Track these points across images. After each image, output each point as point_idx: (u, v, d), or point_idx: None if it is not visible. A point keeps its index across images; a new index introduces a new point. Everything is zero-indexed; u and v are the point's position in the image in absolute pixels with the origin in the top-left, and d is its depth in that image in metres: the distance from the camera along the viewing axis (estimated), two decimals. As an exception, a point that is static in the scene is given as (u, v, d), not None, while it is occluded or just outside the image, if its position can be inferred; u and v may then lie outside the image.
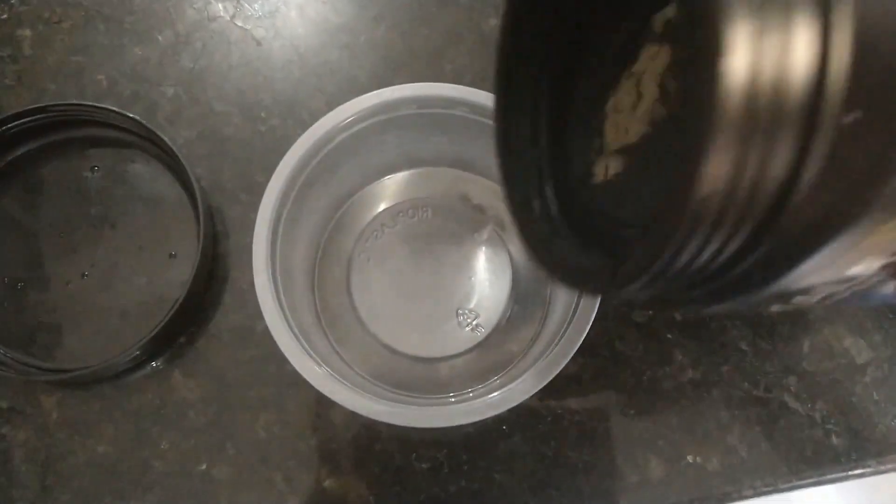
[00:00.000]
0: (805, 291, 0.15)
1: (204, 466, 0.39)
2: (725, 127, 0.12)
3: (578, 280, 0.20)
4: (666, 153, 0.20)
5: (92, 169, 0.43)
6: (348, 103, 0.36)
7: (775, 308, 0.17)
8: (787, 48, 0.11)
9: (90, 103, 0.42)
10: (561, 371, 0.34)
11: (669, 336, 0.41)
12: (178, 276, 0.41)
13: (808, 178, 0.12)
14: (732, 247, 0.14)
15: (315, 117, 0.36)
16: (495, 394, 0.34)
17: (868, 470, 0.40)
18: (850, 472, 0.40)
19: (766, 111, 0.12)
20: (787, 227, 0.13)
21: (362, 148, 0.39)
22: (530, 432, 0.39)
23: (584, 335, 0.33)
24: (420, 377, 0.41)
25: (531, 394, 0.33)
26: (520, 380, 0.34)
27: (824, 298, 0.16)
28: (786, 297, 0.15)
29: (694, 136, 0.12)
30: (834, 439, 0.40)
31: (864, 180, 0.12)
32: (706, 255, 0.14)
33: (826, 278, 0.15)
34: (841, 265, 0.14)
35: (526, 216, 0.26)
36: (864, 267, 0.14)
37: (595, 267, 0.20)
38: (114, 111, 0.41)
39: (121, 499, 0.39)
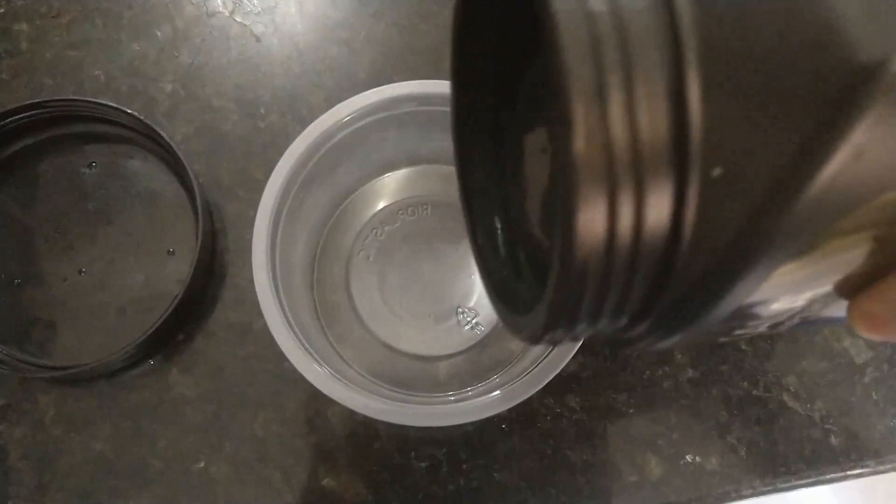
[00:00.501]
0: (744, 325, 0.15)
1: (202, 464, 0.39)
2: (589, 187, 0.12)
3: (514, 329, 0.20)
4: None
5: (89, 165, 0.44)
6: (349, 100, 0.36)
7: (727, 339, 0.17)
8: (640, 112, 0.12)
9: (87, 99, 0.42)
10: (560, 370, 0.34)
11: (669, 335, 0.41)
12: (176, 272, 0.41)
13: (687, 233, 0.12)
14: (637, 293, 0.14)
15: (314, 113, 0.36)
16: (495, 393, 0.34)
17: (867, 470, 0.40)
18: (848, 472, 0.40)
19: (628, 174, 0.12)
20: (685, 274, 0.13)
21: (362, 145, 0.39)
22: (529, 431, 0.40)
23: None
24: (419, 376, 0.41)
25: (531, 393, 0.33)
26: (519, 379, 0.34)
27: (773, 327, 0.16)
28: (727, 330, 0.15)
29: (564, 194, 0.12)
30: (833, 439, 0.40)
31: (745, 229, 0.13)
32: (610, 303, 0.14)
33: (757, 313, 0.15)
34: (761, 304, 0.14)
35: (488, 257, 0.26)
36: (788, 303, 0.15)
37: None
38: (111, 107, 0.41)
39: (118, 496, 0.39)
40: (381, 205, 0.43)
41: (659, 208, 0.12)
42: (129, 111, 0.41)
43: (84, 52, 0.46)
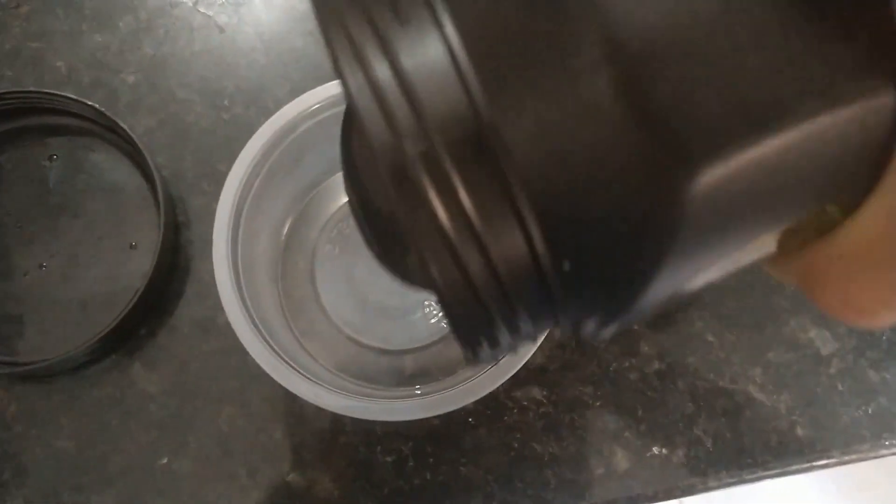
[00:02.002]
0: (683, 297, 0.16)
1: (165, 460, 0.40)
2: (433, 251, 0.13)
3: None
4: None
5: (50, 158, 0.44)
6: (314, 90, 0.37)
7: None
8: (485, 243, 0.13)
9: (48, 91, 0.42)
10: (527, 363, 0.35)
11: (636, 328, 0.42)
12: (138, 267, 0.42)
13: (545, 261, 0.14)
14: (533, 309, 0.15)
15: (280, 105, 0.37)
16: (461, 386, 0.35)
17: (832, 461, 0.41)
18: (814, 463, 0.41)
19: (467, 238, 0.13)
20: (570, 282, 0.14)
21: (328, 136, 0.39)
22: (496, 424, 0.40)
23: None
24: (386, 369, 0.42)
25: (496, 386, 0.34)
26: (485, 372, 0.35)
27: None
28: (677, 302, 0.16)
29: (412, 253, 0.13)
30: (799, 430, 0.41)
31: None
32: (516, 321, 0.15)
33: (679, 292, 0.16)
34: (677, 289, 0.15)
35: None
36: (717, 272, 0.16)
37: None
38: (73, 99, 0.42)
39: (80, 493, 0.39)
40: (346, 198, 0.43)
41: (511, 252, 0.13)
42: (91, 103, 0.41)
43: (45, 43, 0.46)
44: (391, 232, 0.20)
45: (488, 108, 0.12)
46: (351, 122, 0.20)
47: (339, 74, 0.13)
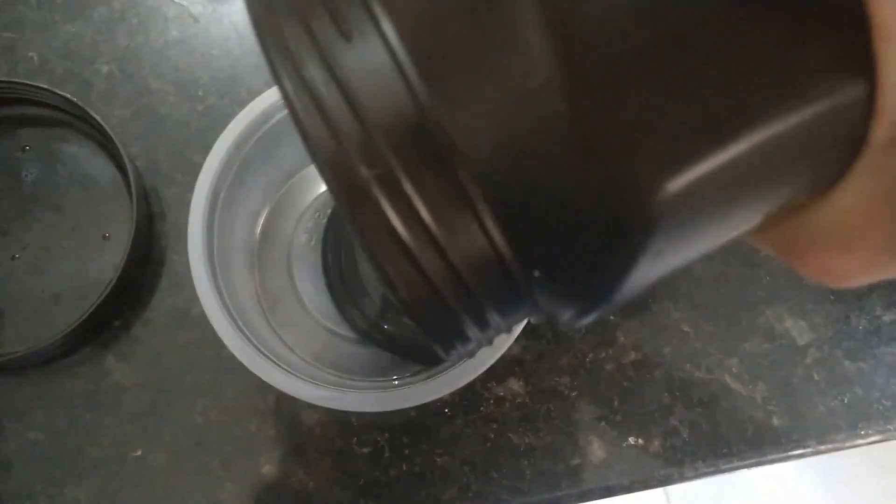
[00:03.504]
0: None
1: (139, 452, 0.40)
2: (389, 259, 0.13)
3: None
4: None
5: (23, 149, 0.44)
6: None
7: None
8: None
9: (20, 81, 0.43)
10: (503, 354, 0.35)
11: (612, 318, 0.43)
12: (111, 258, 0.42)
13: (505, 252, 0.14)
14: (502, 306, 0.15)
15: (254, 95, 0.37)
16: (437, 377, 0.35)
17: (808, 450, 0.42)
18: (790, 453, 0.42)
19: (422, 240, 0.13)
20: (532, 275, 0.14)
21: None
22: (472, 415, 0.41)
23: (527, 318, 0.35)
24: (363, 360, 0.43)
25: (472, 377, 0.35)
26: (461, 363, 0.35)
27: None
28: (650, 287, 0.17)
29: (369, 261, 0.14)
30: (775, 420, 0.42)
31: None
32: (487, 318, 0.15)
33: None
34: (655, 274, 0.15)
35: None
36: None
37: None
38: (45, 89, 0.42)
39: (53, 486, 0.40)
40: (322, 187, 0.44)
41: (467, 247, 0.13)
42: (63, 94, 0.42)
43: (17, 33, 0.47)
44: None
45: (430, 99, 0.12)
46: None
47: (276, 82, 0.13)
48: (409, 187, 0.12)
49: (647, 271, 0.14)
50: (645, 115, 0.12)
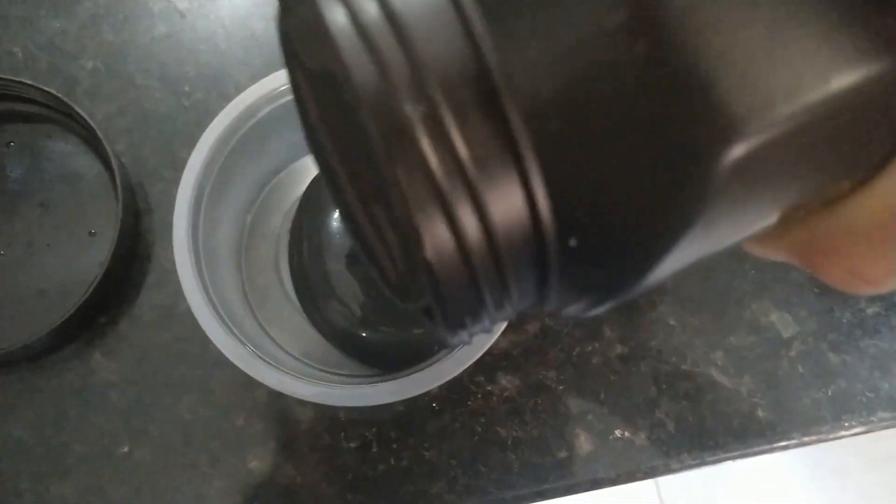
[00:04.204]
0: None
1: (126, 449, 0.40)
2: (423, 211, 0.12)
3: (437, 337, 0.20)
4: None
5: (7, 144, 0.44)
6: (275, 74, 0.38)
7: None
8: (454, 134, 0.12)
9: (5, 76, 0.43)
10: (491, 347, 0.36)
11: (599, 312, 0.43)
12: (97, 254, 0.42)
13: (546, 222, 0.13)
14: (524, 287, 0.14)
15: (241, 91, 0.37)
16: (424, 371, 0.35)
17: (793, 442, 0.43)
18: (775, 445, 0.42)
19: (460, 188, 0.12)
20: (566, 259, 0.13)
21: (290, 121, 0.40)
22: (460, 409, 0.42)
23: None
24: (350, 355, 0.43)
25: (459, 371, 0.35)
26: (448, 357, 0.36)
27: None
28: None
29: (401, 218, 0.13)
30: (760, 413, 0.42)
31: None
32: (504, 300, 0.14)
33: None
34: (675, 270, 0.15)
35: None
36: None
37: None
38: (29, 85, 0.42)
39: (39, 483, 0.40)
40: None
41: (509, 216, 0.12)
42: (48, 89, 0.42)
43: (1, 28, 0.47)
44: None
45: (489, 37, 0.11)
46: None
47: (318, 15, 0.12)
48: (454, 131, 0.12)
49: (685, 251, 0.13)
50: (730, 59, 0.11)
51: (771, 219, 0.14)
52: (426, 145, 0.12)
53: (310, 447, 0.41)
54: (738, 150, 0.11)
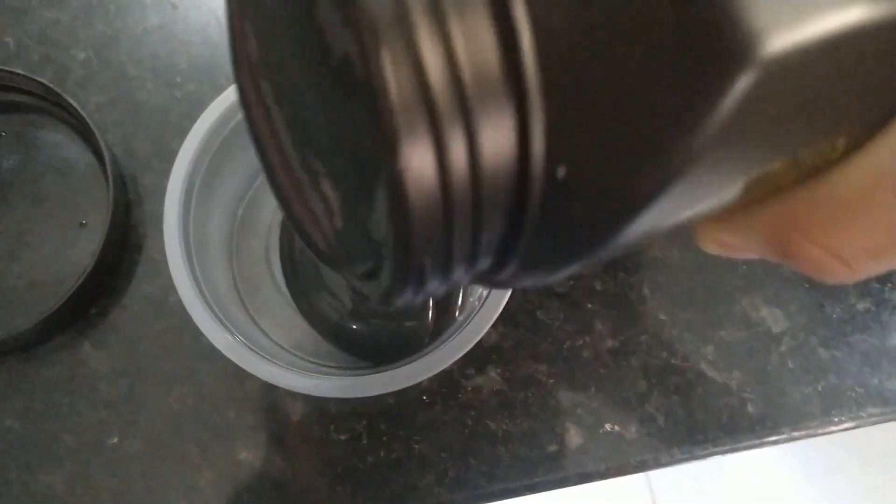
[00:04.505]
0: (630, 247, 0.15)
1: (116, 440, 0.41)
2: (409, 131, 0.11)
3: (363, 290, 0.18)
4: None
5: (-2, 135, 0.44)
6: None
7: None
8: (456, 40, 0.11)
9: (-4, 66, 0.43)
10: (481, 341, 0.36)
11: (590, 306, 0.43)
12: (88, 245, 0.42)
13: (537, 167, 0.12)
14: (490, 243, 0.13)
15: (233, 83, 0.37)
16: (414, 363, 0.36)
17: (782, 437, 0.43)
18: (765, 440, 0.43)
19: (453, 111, 0.11)
20: (549, 214, 0.13)
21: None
22: (450, 402, 0.42)
23: (503, 305, 0.35)
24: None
25: (449, 363, 0.35)
26: (439, 349, 0.36)
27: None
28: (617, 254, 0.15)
29: (381, 140, 0.11)
30: (749, 407, 0.43)
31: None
32: (460, 254, 0.13)
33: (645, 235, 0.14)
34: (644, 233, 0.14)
35: None
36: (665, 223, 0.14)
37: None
38: (21, 75, 0.42)
39: (29, 473, 0.40)
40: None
41: (496, 140, 0.11)
42: (39, 80, 0.42)
43: (-7, 18, 0.47)
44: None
45: None
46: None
47: None
48: (456, 23, 0.10)
49: (671, 202, 0.12)
50: None
51: (762, 171, 0.13)
52: (422, 32, 0.10)
53: (300, 439, 0.41)
54: (747, 79, 0.11)
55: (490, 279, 0.15)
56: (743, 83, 0.11)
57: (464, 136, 0.11)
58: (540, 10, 0.11)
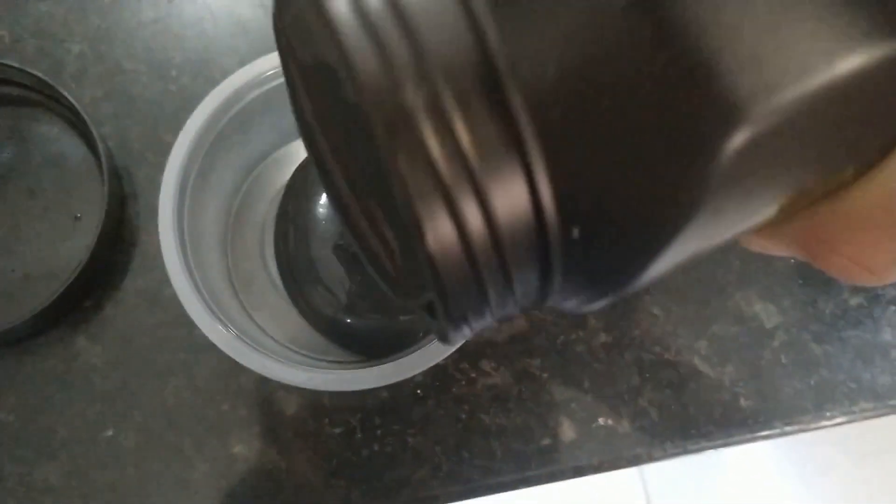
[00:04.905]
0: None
1: (110, 433, 0.41)
2: (425, 203, 0.12)
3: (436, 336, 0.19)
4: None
5: (-8, 128, 0.44)
6: (262, 58, 0.38)
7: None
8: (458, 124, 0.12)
9: (-10, 59, 0.43)
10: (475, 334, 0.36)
11: (584, 300, 0.43)
12: (83, 239, 0.42)
13: (550, 218, 0.13)
14: (526, 284, 0.14)
15: (228, 76, 0.38)
16: (409, 356, 0.36)
17: (775, 432, 0.43)
18: (757, 434, 0.43)
19: (463, 182, 0.12)
20: (571, 253, 0.13)
21: (277, 106, 0.40)
22: (444, 396, 0.42)
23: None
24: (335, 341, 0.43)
25: (443, 357, 0.35)
26: (433, 343, 0.36)
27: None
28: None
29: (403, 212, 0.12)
30: (742, 402, 0.43)
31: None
32: (508, 296, 0.14)
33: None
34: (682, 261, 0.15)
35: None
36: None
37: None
38: (15, 68, 0.42)
39: (23, 466, 0.40)
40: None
41: (511, 211, 0.12)
42: (35, 73, 0.42)
43: (-13, 11, 0.47)
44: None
45: (496, 28, 0.11)
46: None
47: (317, 4, 0.12)
48: (457, 119, 0.12)
49: (695, 237, 0.13)
50: (737, 38, 0.11)
51: (775, 207, 0.14)
52: (428, 134, 0.12)
53: (294, 433, 0.41)
54: (742, 136, 0.11)
55: (537, 308, 0.16)
56: (737, 141, 0.11)
57: (479, 212, 0.12)
58: (534, 95, 0.11)
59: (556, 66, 0.12)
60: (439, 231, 0.12)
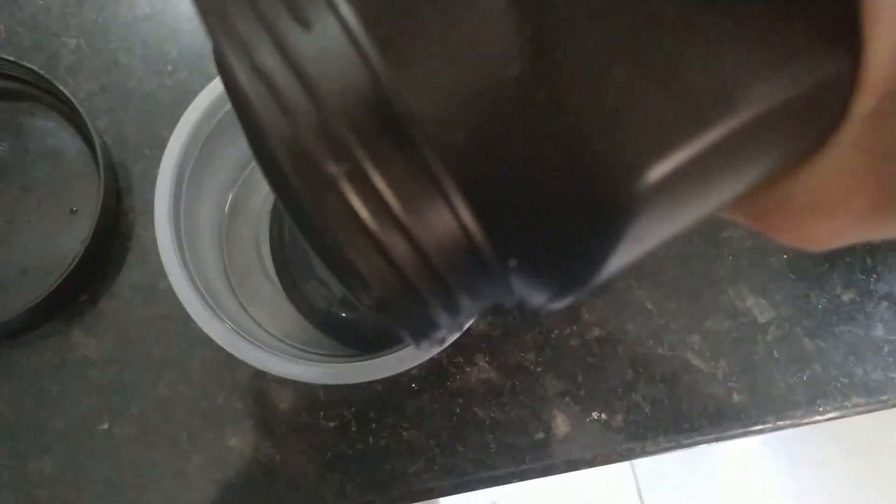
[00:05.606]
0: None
1: (106, 425, 0.41)
2: (355, 248, 0.13)
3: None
4: None
5: (-12, 121, 0.45)
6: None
7: None
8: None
9: (-14, 53, 0.43)
10: (470, 329, 0.37)
11: (578, 295, 0.44)
12: (79, 232, 0.43)
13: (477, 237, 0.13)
14: (476, 291, 0.15)
15: (222, 71, 0.38)
16: (403, 350, 0.36)
17: (767, 426, 0.43)
18: (750, 429, 0.43)
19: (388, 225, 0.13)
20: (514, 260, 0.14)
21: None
22: (439, 390, 0.42)
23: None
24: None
25: (438, 351, 0.36)
26: (432, 351, 0.36)
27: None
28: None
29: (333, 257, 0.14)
30: (735, 396, 0.43)
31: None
32: (445, 304, 0.15)
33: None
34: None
35: None
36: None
37: None
38: (11, 61, 0.42)
39: (18, 459, 0.40)
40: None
41: (438, 233, 0.13)
42: (30, 66, 0.42)
43: (-17, 4, 0.47)
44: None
45: (387, 69, 0.12)
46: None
47: (223, 69, 0.12)
48: (373, 173, 0.12)
49: (627, 255, 0.13)
50: (626, 100, 0.12)
51: (712, 209, 0.14)
52: (349, 192, 0.12)
53: (289, 426, 0.41)
54: (643, 184, 0.12)
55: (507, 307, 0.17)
56: (632, 199, 0.12)
57: (411, 252, 0.13)
58: (434, 129, 0.12)
59: (462, 128, 0.12)
60: (381, 277, 0.13)
